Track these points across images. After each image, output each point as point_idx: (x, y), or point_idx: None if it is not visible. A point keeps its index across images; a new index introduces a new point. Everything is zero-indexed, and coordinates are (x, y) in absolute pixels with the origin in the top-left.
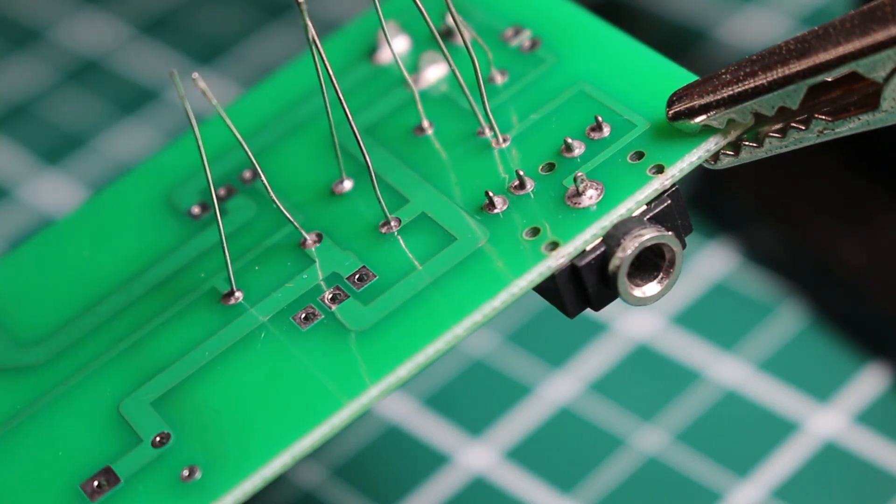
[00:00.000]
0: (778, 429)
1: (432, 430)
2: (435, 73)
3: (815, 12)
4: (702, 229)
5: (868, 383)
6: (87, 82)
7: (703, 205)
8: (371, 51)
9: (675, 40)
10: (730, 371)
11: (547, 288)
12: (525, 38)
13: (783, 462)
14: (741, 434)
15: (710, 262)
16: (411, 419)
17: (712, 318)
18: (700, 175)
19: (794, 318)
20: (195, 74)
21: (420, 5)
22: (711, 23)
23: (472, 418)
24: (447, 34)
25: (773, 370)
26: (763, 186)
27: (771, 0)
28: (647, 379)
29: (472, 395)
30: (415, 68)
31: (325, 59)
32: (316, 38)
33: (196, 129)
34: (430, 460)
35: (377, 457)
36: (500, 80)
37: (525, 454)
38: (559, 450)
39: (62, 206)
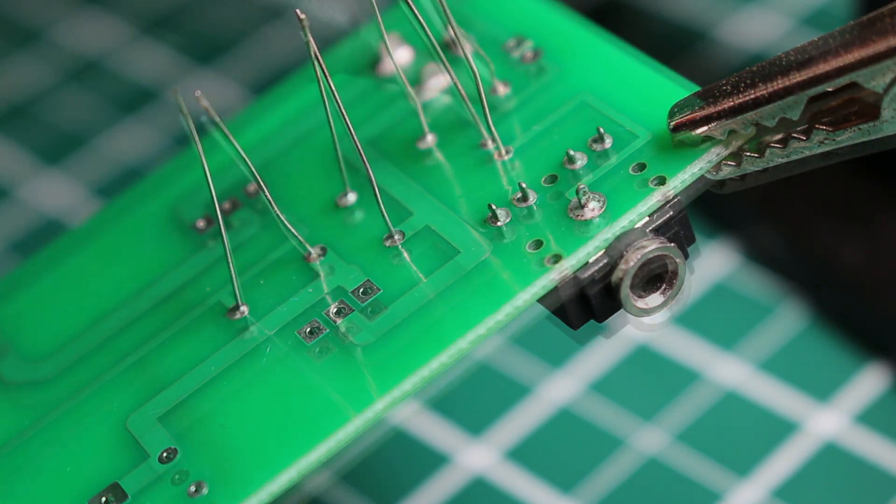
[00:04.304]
0: (778, 429)
1: (433, 430)
2: (437, 84)
3: (815, 12)
4: (702, 229)
5: (868, 383)
6: (87, 82)
7: (703, 205)
8: (374, 62)
9: (674, 40)
10: (730, 371)
11: (550, 300)
12: (527, 49)
13: (783, 462)
14: (741, 434)
15: (710, 263)
16: (412, 420)
17: (712, 318)
18: None
19: (794, 318)
20: (198, 92)
21: (421, 19)
22: (711, 23)
23: (472, 419)
24: (449, 45)
25: (774, 370)
26: (763, 186)
27: (771, 0)
28: (647, 379)
29: (472, 396)
30: (417, 80)
31: (326, 74)
32: (318, 53)
33: (199, 146)
34: (430, 461)
35: (378, 457)
36: (502, 91)
37: (525, 454)
38: (559, 450)
39: (62, 207)
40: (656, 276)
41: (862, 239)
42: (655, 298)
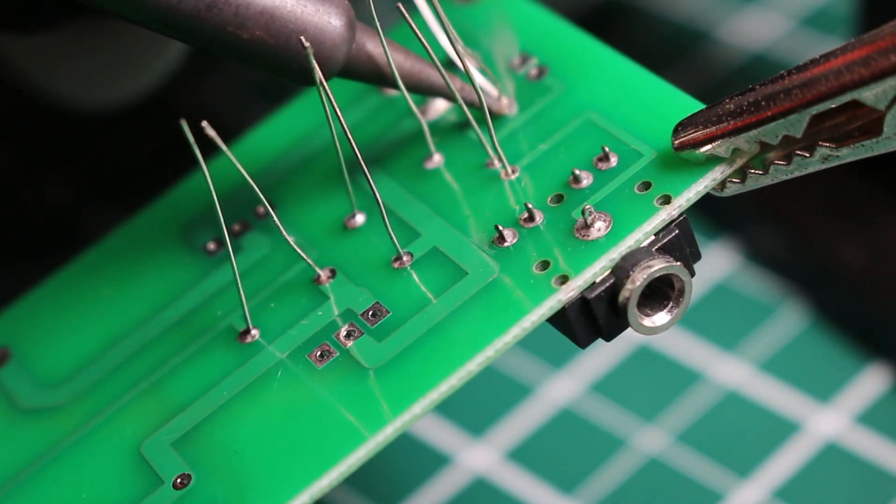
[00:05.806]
0: (779, 429)
1: (433, 430)
2: (443, 103)
3: (815, 12)
4: (703, 230)
5: (869, 383)
6: None
7: (704, 205)
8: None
9: (675, 41)
10: (731, 371)
11: (558, 320)
12: (532, 66)
13: (784, 462)
14: (742, 434)
15: (711, 263)
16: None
17: (713, 318)
18: None
19: (795, 318)
20: (204, 122)
21: (425, 44)
22: (712, 23)
23: (473, 419)
24: (455, 64)
25: (774, 370)
26: (764, 187)
27: (771, 0)
28: (648, 379)
29: (473, 396)
30: (423, 99)
31: (332, 99)
32: (324, 80)
33: (207, 173)
34: (431, 461)
35: (378, 458)
36: (508, 108)
37: (526, 455)
38: (560, 450)
39: (62, 207)
40: (662, 293)
41: (862, 239)
42: (662, 317)
